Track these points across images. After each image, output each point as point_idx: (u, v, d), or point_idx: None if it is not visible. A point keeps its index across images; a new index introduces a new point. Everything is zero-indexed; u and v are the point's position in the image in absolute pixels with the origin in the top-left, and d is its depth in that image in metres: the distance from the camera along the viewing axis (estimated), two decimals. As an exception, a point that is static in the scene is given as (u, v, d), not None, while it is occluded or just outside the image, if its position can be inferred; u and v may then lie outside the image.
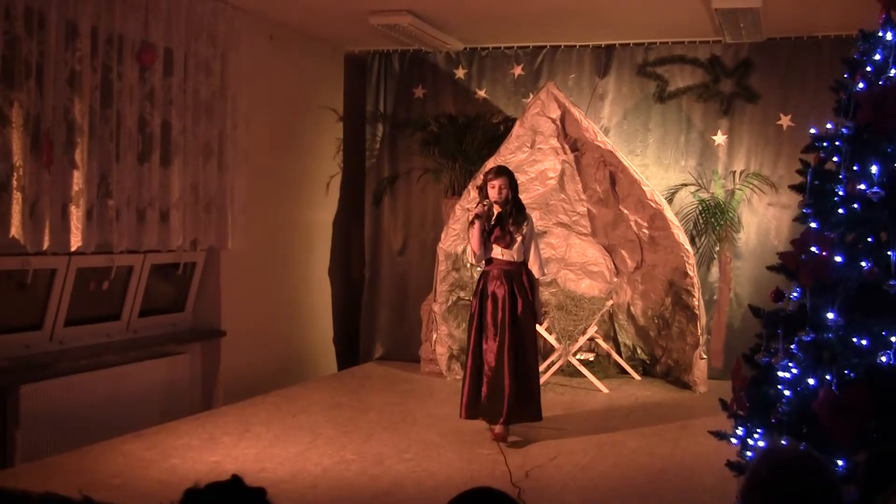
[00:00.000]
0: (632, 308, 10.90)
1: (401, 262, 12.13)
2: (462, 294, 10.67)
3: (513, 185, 7.95)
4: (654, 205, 10.14)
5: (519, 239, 7.91)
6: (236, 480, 2.85)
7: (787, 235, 9.88)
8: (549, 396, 9.71)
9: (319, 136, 11.86)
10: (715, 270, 10.87)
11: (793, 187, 5.60)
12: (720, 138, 10.93)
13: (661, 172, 11.10)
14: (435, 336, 10.57)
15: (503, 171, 7.99)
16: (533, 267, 8.03)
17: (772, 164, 10.77)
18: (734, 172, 10.89)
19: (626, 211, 10.57)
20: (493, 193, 7.86)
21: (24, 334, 8.01)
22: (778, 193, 10.59)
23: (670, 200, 10.72)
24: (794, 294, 5.23)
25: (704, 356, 10.06)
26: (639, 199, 10.33)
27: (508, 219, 7.91)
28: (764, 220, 10.78)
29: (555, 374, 10.30)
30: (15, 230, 7.15)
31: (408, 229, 12.13)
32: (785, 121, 10.69)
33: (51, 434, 7.62)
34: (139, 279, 8.99)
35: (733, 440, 5.43)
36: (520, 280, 7.95)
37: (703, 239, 10.70)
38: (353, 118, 12.37)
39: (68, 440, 7.54)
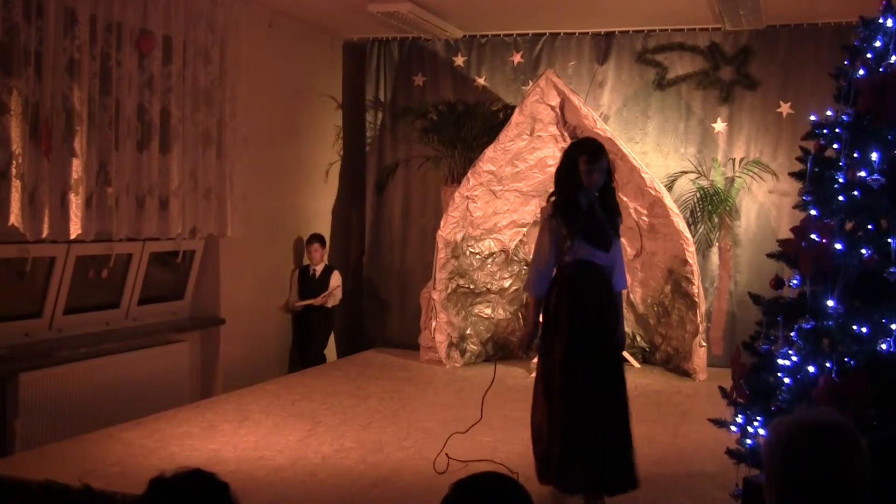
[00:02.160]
0: (631, 296, 10.88)
1: (400, 250, 12.13)
2: (461, 282, 10.68)
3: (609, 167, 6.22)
4: (653, 192, 10.13)
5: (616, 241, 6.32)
6: (199, 473, 2.86)
7: (787, 223, 9.85)
8: (549, 384, 9.72)
9: (318, 124, 11.85)
10: (715, 258, 10.86)
11: (793, 174, 5.59)
12: (720, 126, 10.92)
13: (660, 160, 11.09)
14: (434, 324, 10.57)
15: (602, 152, 6.13)
16: (619, 277, 6.33)
17: (771, 151, 10.75)
18: (734, 160, 10.88)
19: (625, 198, 10.54)
20: (588, 180, 6.10)
21: (23, 322, 8.01)
22: (778, 181, 10.58)
23: (670, 188, 10.70)
24: (794, 281, 5.22)
25: (704, 344, 10.06)
26: (638, 187, 10.32)
27: (608, 212, 6.28)
28: (764, 207, 10.77)
29: (554, 361, 10.29)
30: (14, 218, 7.14)
31: (407, 217, 12.12)
32: (785, 108, 10.68)
33: (50, 422, 7.62)
34: (138, 267, 8.98)
35: (733, 428, 5.42)
36: (610, 294, 6.27)
37: (699, 226, 10.68)
38: (353, 106, 12.36)
39: (68, 428, 7.54)
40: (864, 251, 4.80)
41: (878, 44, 5.16)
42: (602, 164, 6.08)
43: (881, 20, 5.17)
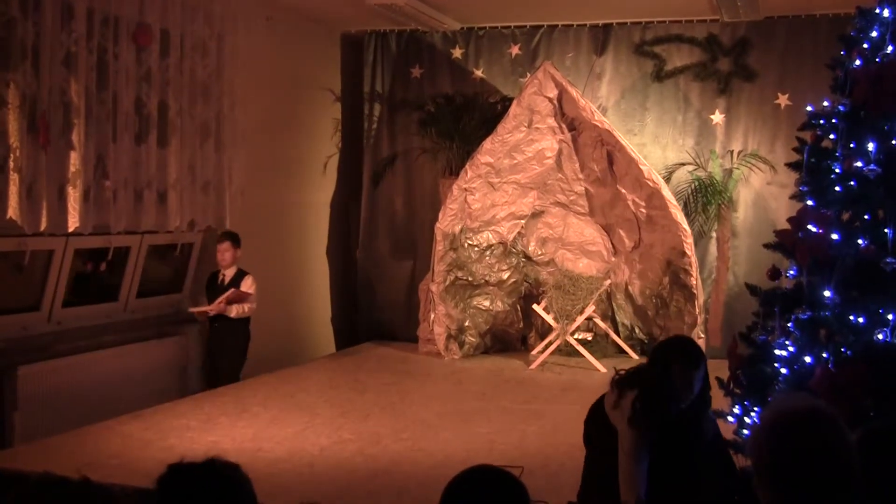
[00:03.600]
0: (630, 287, 10.90)
1: (399, 242, 12.12)
2: (460, 274, 10.68)
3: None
4: (651, 184, 10.13)
5: None
6: (210, 461, 2.85)
7: (784, 214, 9.85)
8: (547, 376, 9.76)
9: (317, 117, 11.85)
10: (713, 249, 10.87)
11: (790, 165, 5.60)
12: (718, 117, 10.92)
13: (658, 152, 11.09)
14: (433, 316, 10.58)
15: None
16: None
17: (769, 143, 10.76)
18: (732, 151, 10.88)
19: (623, 190, 10.56)
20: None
21: (21, 315, 8.01)
22: (776, 172, 10.58)
23: (668, 180, 10.71)
24: (791, 272, 5.23)
25: (703, 335, 10.07)
26: (636, 179, 10.33)
27: None
28: (761, 198, 10.78)
29: (552, 353, 10.31)
30: (12, 211, 7.14)
31: (406, 209, 12.11)
32: (783, 99, 10.69)
33: (49, 415, 7.63)
34: (137, 260, 8.98)
35: (730, 418, 5.44)
36: None
37: (694, 218, 10.66)
38: (351, 99, 12.36)
39: (66, 421, 7.54)
40: (860, 241, 4.81)
41: (874, 34, 5.18)
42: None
43: (877, 10, 5.19)
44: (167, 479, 2.83)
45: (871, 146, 4.86)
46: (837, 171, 5.04)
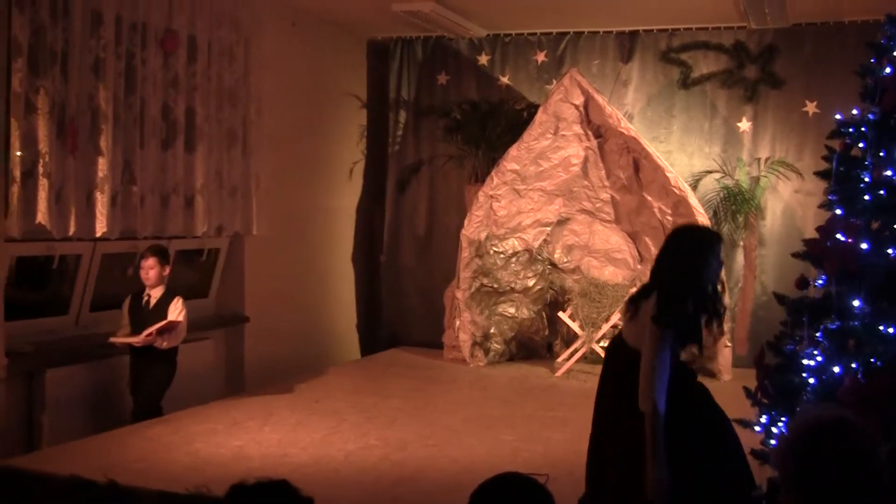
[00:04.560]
0: (657, 296, 10.84)
1: (424, 249, 12.12)
2: (485, 281, 10.68)
3: None
4: (678, 192, 10.10)
5: None
6: (285, 485, 2.82)
7: (812, 223, 9.80)
8: (572, 384, 9.74)
9: (342, 123, 11.87)
10: (739, 258, 10.82)
11: (818, 174, 5.56)
12: (745, 125, 10.88)
13: (685, 159, 11.05)
14: (458, 323, 10.58)
15: None
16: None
17: (797, 150, 10.70)
18: (759, 159, 10.83)
19: (649, 198, 10.53)
20: None
21: (49, 319, 8.06)
22: (803, 180, 10.52)
23: (695, 188, 10.66)
24: (820, 281, 5.20)
25: (729, 344, 10.03)
26: (663, 186, 10.30)
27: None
28: (789, 207, 10.73)
29: (578, 361, 10.29)
30: (41, 216, 7.19)
31: (431, 216, 12.11)
32: (810, 107, 10.63)
33: (76, 418, 7.66)
34: (163, 265, 9.02)
35: (757, 428, 5.41)
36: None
37: (723, 226, 10.61)
38: (377, 105, 12.37)
39: (93, 424, 7.58)
40: (890, 251, 4.78)
41: (904, 42, 5.14)
42: None
43: (908, 18, 5.15)
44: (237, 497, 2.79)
45: (900, 155, 4.83)
46: (867, 179, 5.00)
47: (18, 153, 7.07)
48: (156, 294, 8.01)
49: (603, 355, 9.99)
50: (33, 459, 6.66)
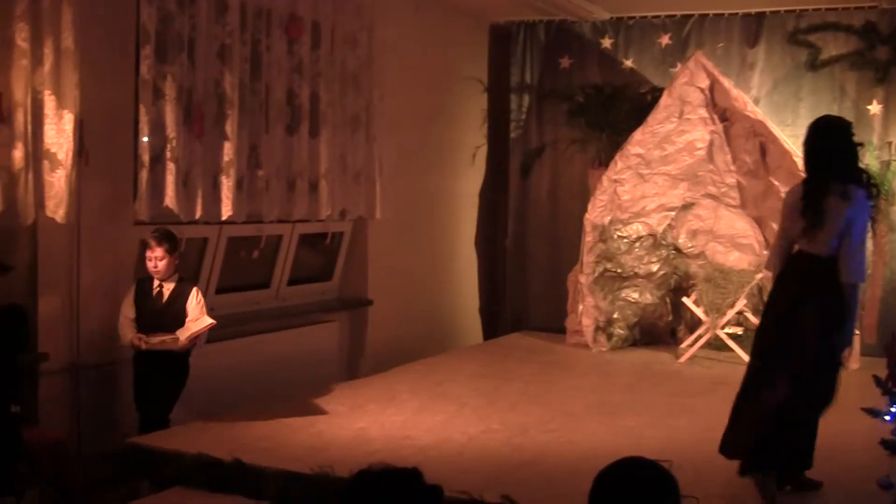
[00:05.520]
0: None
1: (547, 233, 12.08)
2: (608, 265, 10.60)
3: None
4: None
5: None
6: (414, 472, 2.81)
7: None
8: (696, 370, 9.64)
9: (465, 107, 11.88)
10: (869, 244, 10.56)
11: (952, 157, 5.41)
12: (875, 108, 10.60)
13: (813, 143, 10.81)
14: (581, 307, 10.53)
15: None
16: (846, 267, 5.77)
17: (930, 134, 10.42)
18: (889, 143, 10.55)
19: (776, 182, 10.33)
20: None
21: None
22: (937, 164, 10.25)
23: (822, 172, 10.42)
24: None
25: (857, 332, 9.81)
26: (790, 171, 10.09)
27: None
28: (921, 191, 10.46)
29: (702, 347, 10.17)
30: (169, 200, 7.33)
31: (554, 200, 12.06)
32: (944, 89, 10.34)
33: (202, 398, 7.78)
34: (288, 248, 9.14)
35: (887, 418, 5.29)
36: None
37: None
38: (499, 89, 12.35)
39: (218, 404, 7.70)
40: None
41: None
42: None
43: None
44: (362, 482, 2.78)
45: None
46: None
47: (146, 139, 7.21)
48: (168, 285, 7.05)
49: (728, 342, 9.89)
50: (161, 437, 6.79)
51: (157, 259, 6.93)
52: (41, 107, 6.44)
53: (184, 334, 6.98)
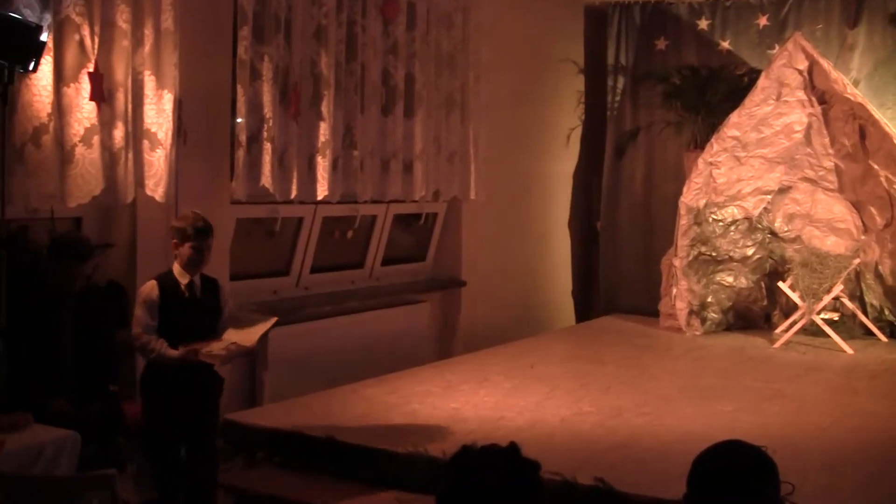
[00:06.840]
0: (880, 267, 10.46)
1: (641, 216, 11.99)
2: (703, 249, 10.49)
3: None
4: (907, 160, 9.73)
5: None
6: (513, 449, 2.82)
7: None
8: (791, 356, 9.52)
9: (559, 89, 11.84)
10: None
11: None
12: (976, 87, 10.36)
13: (914, 126, 10.61)
14: (675, 291, 10.44)
15: None
16: None
17: None
18: None
19: (876, 166, 10.15)
20: None
21: (272, 280, 8.34)
22: None
23: (925, 155, 10.24)
24: None
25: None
26: (890, 154, 9.92)
27: None
28: None
29: (797, 333, 10.03)
30: (265, 179, 7.41)
31: (649, 182, 11.96)
32: None
33: (295, 376, 7.88)
34: (382, 228, 9.21)
35: None
36: None
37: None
38: (594, 71, 12.27)
39: (311, 382, 7.78)
40: None
41: None
42: None
43: None
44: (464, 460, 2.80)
45: None
46: None
47: (242, 119, 7.29)
48: (197, 281, 5.79)
49: (823, 328, 9.75)
50: (256, 414, 6.88)
51: (206, 250, 5.72)
52: (141, 87, 6.53)
53: (249, 336, 5.86)
